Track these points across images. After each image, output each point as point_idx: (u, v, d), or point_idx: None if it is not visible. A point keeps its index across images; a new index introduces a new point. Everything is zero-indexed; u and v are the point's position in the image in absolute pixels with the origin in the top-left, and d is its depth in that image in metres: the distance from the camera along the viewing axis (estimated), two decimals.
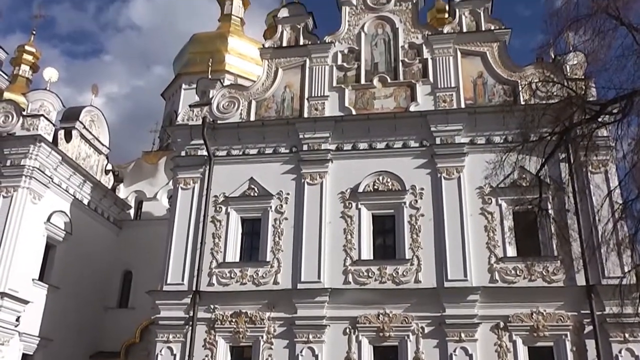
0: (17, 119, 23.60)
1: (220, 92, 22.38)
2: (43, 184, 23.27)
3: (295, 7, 23.60)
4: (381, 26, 22.41)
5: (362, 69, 21.72)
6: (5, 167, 22.56)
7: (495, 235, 18.35)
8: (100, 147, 28.39)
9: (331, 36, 22.47)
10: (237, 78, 33.64)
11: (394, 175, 19.70)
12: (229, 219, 20.29)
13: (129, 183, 30.87)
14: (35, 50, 35.00)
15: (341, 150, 20.55)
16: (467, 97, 20.44)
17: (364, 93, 21.32)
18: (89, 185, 26.52)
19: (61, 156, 24.29)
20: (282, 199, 20.19)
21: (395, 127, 20.23)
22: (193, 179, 21.03)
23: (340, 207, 19.72)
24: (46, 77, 25.56)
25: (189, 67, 36.53)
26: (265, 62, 22.89)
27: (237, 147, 21.25)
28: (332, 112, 21.10)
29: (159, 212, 29.19)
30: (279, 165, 20.77)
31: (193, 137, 21.40)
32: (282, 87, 22.14)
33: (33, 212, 22.76)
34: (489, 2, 21.72)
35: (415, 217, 19.07)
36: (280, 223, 19.90)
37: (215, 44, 37.03)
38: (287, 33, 23.13)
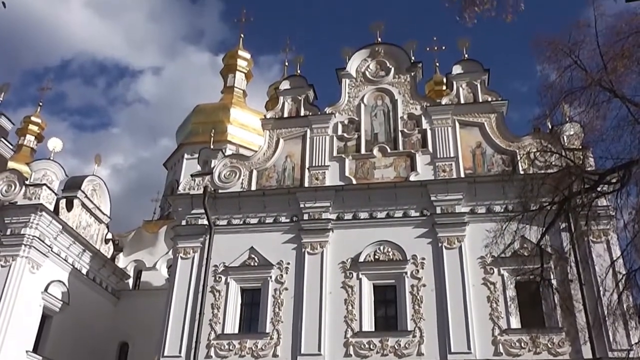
0: (20, 188, 23.76)
1: (222, 162, 22.61)
2: (42, 253, 23.15)
3: (297, 80, 24.20)
4: (380, 98, 22.92)
5: (362, 139, 22.04)
6: (5, 236, 22.52)
7: (498, 306, 18.05)
8: (101, 216, 28.42)
9: (332, 107, 22.94)
10: (239, 148, 34.11)
11: (395, 244, 19.61)
12: (229, 289, 20.04)
13: (128, 252, 30.69)
14: (41, 121, 35.67)
15: (342, 219, 20.54)
16: (467, 166, 20.64)
17: (364, 163, 21.53)
18: (89, 255, 26.37)
19: (62, 225, 24.28)
20: (282, 269, 20.01)
21: (396, 196, 20.31)
22: (193, 248, 20.93)
23: (341, 277, 19.51)
24: (50, 147, 25.93)
25: (191, 137, 37.06)
26: (266, 132, 23.26)
27: (237, 217, 21.26)
28: (332, 181, 21.24)
29: (158, 282, 28.85)
30: (280, 235, 20.71)
31: (194, 206, 21.45)
32: (283, 156, 22.39)
33: (31, 281, 22.54)
34: (485, 75, 22.28)
35: (417, 288, 18.82)
36: (280, 293, 19.64)
37: (218, 114, 37.74)
38: (288, 104, 23.62)
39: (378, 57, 23.55)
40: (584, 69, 11.39)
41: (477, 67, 22.50)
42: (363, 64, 23.63)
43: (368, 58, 23.68)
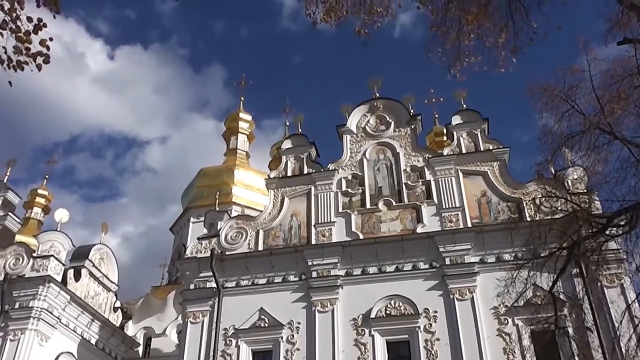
0: (28, 261, 23.75)
1: (228, 224, 22.64)
2: (51, 325, 22.93)
3: (298, 138, 24.49)
4: (382, 152, 23.11)
5: (367, 193, 22.09)
6: (13, 310, 22.37)
7: (515, 357, 17.59)
8: (109, 284, 28.27)
9: (334, 164, 23.12)
10: (244, 209, 34.16)
11: (405, 298, 19.35)
12: (240, 352, 19.71)
13: (137, 319, 30.35)
14: (48, 193, 35.83)
15: (351, 275, 20.37)
16: (473, 216, 20.58)
17: (370, 217, 21.52)
18: (97, 324, 26.09)
19: (70, 295, 24.13)
20: (293, 329, 19.72)
21: (404, 249, 20.19)
22: (202, 312, 20.70)
23: (352, 335, 19.19)
24: (57, 218, 26.08)
25: (196, 201, 37.24)
26: (271, 192, 23.37)
27: (246, 278, 21.12)
28: (339, 237, 21.18)
29: (168, 349, 28.40)
30: (289, 294, 20.51)
31: (202, 269, 21.36)
32: (289, 215, 22.42)
33: (40, 354, 22.26)
34: (484, 124, 22.50)
35: (431, 342, 18.45)
36: (292, 354, 19.29)
37: (222, 177, 38.04)
38: (291, 163, 23.82)
39: (377, 112, 23.88)
40: (581, 113, 11.54)
41: (476, 116, 22.76)
42: (363, 120, 23.95)
43: (367, 113, 24.01)
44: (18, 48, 6.17)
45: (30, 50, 6.20)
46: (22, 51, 6.17)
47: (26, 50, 6.18)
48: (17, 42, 6.15)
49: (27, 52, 6.20)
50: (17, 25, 6.11)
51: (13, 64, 6.18)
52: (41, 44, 6.27)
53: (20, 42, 6.15)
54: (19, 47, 6.16)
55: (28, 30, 6.17)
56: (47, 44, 6.32)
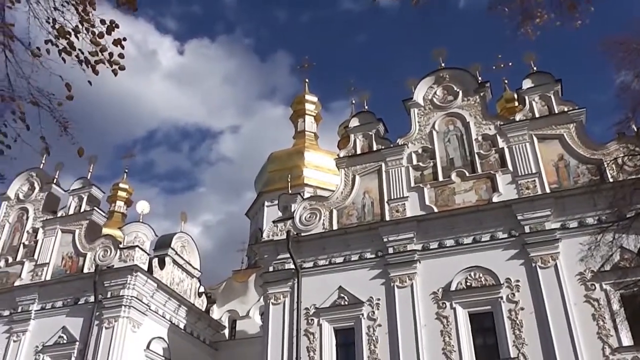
0: (115, 252, 24.93)
1: (302, 205, 22.92)
2: (141, 312, 24.05)
3: (365, 116, 24.38)
4: (452, 122, 22.66)
5: (439, 166, 21.77)
6: (106, 299, 23.60)
7: (605, 323, 17.01)
8: (192, 270, 29.28)
9: (403, 138, 22.89)
10: (316, 190, 34.47)
11: (486, 269, 19.04)
12: (322, 330, 20.03)
13: (221, 303, 31.35)
14: (128, 186, 37.65)
15: (427, 249, 20.22)
16: (551, 181, 19.91)
17: (444, 190, 21.22)
18: (184, 310, 27.15)
19: (156, 283, 25.20)
20: (373, 305, 19.83)
21: (480, 220, 19.84)
22: (283, 293, 21.15)
23: (434, 308, 19.10)
24: (139, 210, 27.21)
25: (269, 185, 37.86)
26: (342, 171, 23.44)
27: (322, 257, 21.38)
28: (413, 212, 21.03)
29: (252, 330, 29.24)
30: (367, 271, 20.62)
31: (279, 252, 21.77)
32: (361, 193, 22.44)
33: (133, 340, 23.39)
34: (557, 86, 21.63)
35: (515, 312, 18.10)
36: (374, 330, 19.43)
37: (293, 160, 38.45)
38: (360, 141, 23.77)
39: (444, 82, 23.41)
40: None
41: (548, 78, 21.90)
42: (430, 92, 23.54)
43: (434, 85, 23.57)
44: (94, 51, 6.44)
45: (105, 50, 6.47)
46: (97, 53, 6.45)
47: (101, 51, 6.45)
48: (92, 44, 6.43)
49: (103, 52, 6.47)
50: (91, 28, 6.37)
51: (91, 64, 6.47)
52: (115, 43, 6.53)
53: (95, 45, 6.43)
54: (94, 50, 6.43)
55: (102, 32, 6.43)
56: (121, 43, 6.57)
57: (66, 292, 24.69)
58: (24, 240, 27.44)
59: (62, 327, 23.85)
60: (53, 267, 25.82)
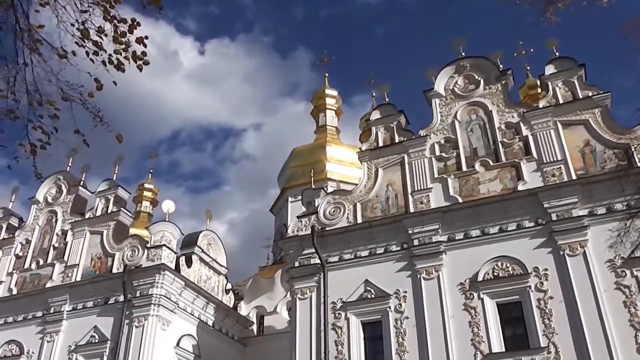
0: (143, 252, 25.24)
1: (325, 200, 22.93)
2: (170, 310, 24.33)
3: (386, 108, 24.27)
4: (474, 111, 22.46)
5: (462, 156, 21.61)
6: (135, 298, 23.91)
7: (637, 310, 16.71)
8: (219, 268, 29.51)
9: (425, 129, 22.74)
10: (339, 184, 34.45)
11: (513, 259, 18.86)
12: (349, 324, 20.06)
13: (249, 300, 31.56)
14: (153, 186, 38.07)
15: (453, 240, 20.10)
16: (577, 167, 19.63)
17: (468, 180, 21.06)
18: (212, 307, 27.39)
19: (184, 281, 25.45)
20: (400, 298, 19.80)
21: (506, 209, 19.65)
22: (309, 288, 21.22)
23: (461, 299, 18.99)
24: (164, 209, 27.47)
25: (292, 181, 37.97)
26: (364, 164, 23.40)
27: (348, 251, 21.38)
28: (437, 203, 20.91)
29: (280, 325, 29.39)
30: (392, 264, 20.58)
31: (304, 247, 21.84)
32: (385, 186, 22.39)
33: (163, 338, 23.68)
34: (581, 70, 21.29)
35: (544, 301, 17.91)
36: (401, 323, 19.39)
37: (315, 154, 38.49)
38: (381, 133, 23.69)
39: (465, 71, 23.19)
40: None
41: (571, 63, 21.55)
42: (450, 81, 23.34)
43: (455, 74, 23.37)
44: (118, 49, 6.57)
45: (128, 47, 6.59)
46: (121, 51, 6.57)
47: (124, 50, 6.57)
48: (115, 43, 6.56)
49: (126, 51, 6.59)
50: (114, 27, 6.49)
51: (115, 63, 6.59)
52: (137, 42, 6.65)
53: (118, 43, 6.55)
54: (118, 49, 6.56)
55: (124, 31, 6.55)
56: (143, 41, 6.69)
57: (96, 292, 25.09)
58: (53, 242, 27.93)
59: (93, 327, 24.25)
60: (83, 268, 26.25)
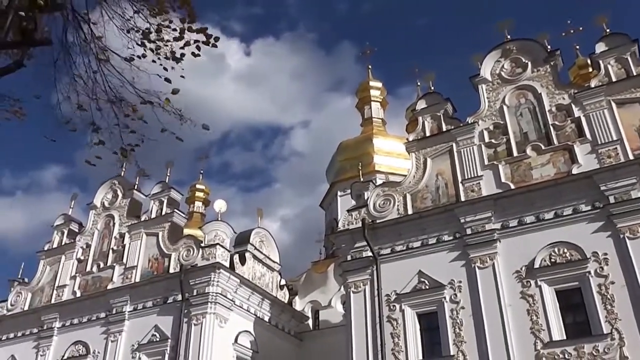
0: (197, 251, 25.76)
1: (375, 192, 22.87)
2: (227, 308, 24.77)
3: (432, 97, 23.98)
4: (522, 95, 21.95)
5: (512, 141, 21.16)
6: (192, 297, 24.44)
7: None
8: (272, 264, 29.84)
9: (473, 116, 22.37)
10: (388, 176, 34.29)
11: (570, 244, 18.37)
12: (405, 316, 19.98)
13: (303, 295, 31.81)
14: (205, 187, 38.81)
15: (507, 227, 19.73)
16: (634, 147, 18.92)
17: (519, 165, 20.62)
18: (267, 303, 27.75)
19: (239, 279, 25.86)
20: (455, 288, 19.58)
21: (561, 193, 19.15)
22: (363, 281, 21.23)
23: (518, 287, 18.64)
24: (216, 209, 27.94)
25: (340, 175, 37.99)
26: (412, 155, 23.20)
27: (400, 243, 21.28)
28: (489, 190, 20.56)
29: (335, 319, 29.52)
30: (446, 254, 20.37)
31: (355, 240, 21.84)
32: (434, 175, 22.15)
33: (221, 335, 24.14)
34: (634, 46, 20.52)
35: (604, 287, 17.38)
36: (457, 313, 19.19)
37: (362, 147, 38.39)
38: (428, 123, 23.43)
39: (511, 55, 22.66)
40: None
41: (623, 39, 20.78)
42: (497, 66, 22.86)
43: (501, 58, 22.87)
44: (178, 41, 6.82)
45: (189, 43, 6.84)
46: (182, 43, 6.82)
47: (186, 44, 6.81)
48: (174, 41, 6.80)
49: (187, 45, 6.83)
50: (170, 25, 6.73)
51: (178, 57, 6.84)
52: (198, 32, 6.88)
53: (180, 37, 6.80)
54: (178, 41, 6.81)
55: (182, 28, 6.79)
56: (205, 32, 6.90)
57: (155, 292, 25.77)
58: (112, 245, 28.81)
59: (154, 326, 24.93)
60: (141, 269, 26.99)
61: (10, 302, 30.28)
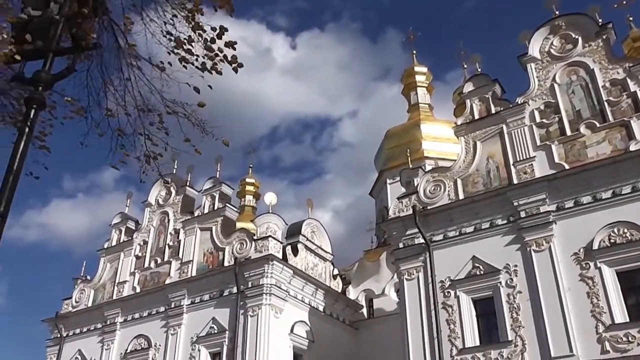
0: (250, 244, 26.14)
1: (424, 179, 22.66)
2: (281, 298, 25.08)
3: (479, 78, 23.51)
4: (574, 72, 21.27)
5: (565, 120, 20.56)
6: (247, 289, 24.84)
7: None
8: (324, 254, 30.00)
9: (523, 96, 21.83)
10: (437, 161, 33.87)
11: (631, 224, 17.75)
12: (460, 302, 19.78)
13: (356, 284, 31.87)
14: (255, 180, 39.29)
15: (563, 209, 19.23)
16: None
17: (573, 144, 20.04)
18: (321, 292, 27.93)
19: (292, 270, 26.11)
20: (510, 273, 19.25)
21: (618, 171, 18.51)
22: (416, 268, 21.11)
23: (577, 270, 18.17)
24: (267, 202, 28.27)
25: (389, 163, 37.77)
26: (461, 139, 22.85)
27: (452, 229, 21.04)
28: (542, 172, 20.06)
29: (390, 307, 29.46)
30: (500, 238, 20.02)
31: (407, 227, 21.72)
32: (484, 159, 21.77)
33: (277, 325, 24.47)
34: None
35: None
36: (514, 298, 18.87)
37: (410, 134, 38.04)
38: (476, 105, 23.01)
39: (560, 31, 21.97)
40: None
41: None
42: (546, 43, 22.20)
43: (550, 35, 22.21)
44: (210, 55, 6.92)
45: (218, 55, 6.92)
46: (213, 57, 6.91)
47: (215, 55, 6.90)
48: (205, 50, 6.90)
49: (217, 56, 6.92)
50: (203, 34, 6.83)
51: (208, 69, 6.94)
52: (227, 46, 6.95)
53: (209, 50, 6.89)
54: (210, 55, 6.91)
55: (213, 38, 6.88)
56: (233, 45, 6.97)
57: (211, 286, 26.31)
58: (168, 241, 29.53)
59: (211, 318, 25.48)
60: (197, 264, 27.59)
61: (74, 299, 31.50)
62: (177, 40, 6.85)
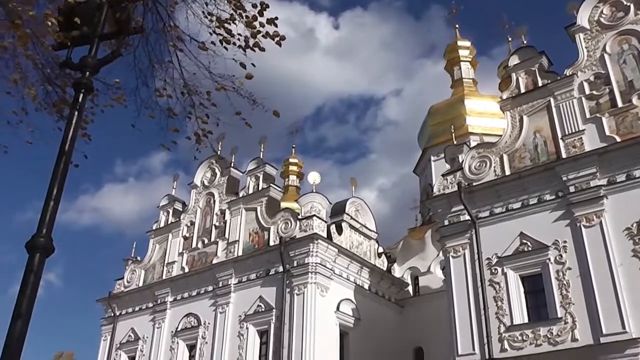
0: (295, 223, 26.35)
1: (469, 155, 22.32)
2: (327, 277, 25.25)
3: (525, 51, 22.90)
4: (625, 41, 20.47)
5: (616, 91, 19.87)
6: (293, 268, 25.11)
7: None
8: (369, 233, 29.99)
9: (571, 68, 21.17)
10: (482, 137, 33.21)
11: None
12: (507, 279, 19.53)
13: (401, 262, 31.80)
14: (298, 160, 39.45)
15: (614, 183, 18.68)
16: None
17: (625, 116, 19.37)
18: (366, 271, 27.99)
19: (337, 249, 26.23)
20: (559, 249, 18.87)
21: None
22: (462, 245, 20.91)
23: (629, 245, 17.67)
24: (310, 181, 28.46)
25: (433, 140, 37.34)
26: (507, 113, 22.38)
27: (498, 205, 20.71)
28: (592, 145, 19.49)
29: (436, 285, 29.35)
30: (548, 214, 19.62)
31: (452, 204, 21.49)
32: (531, 133, 21.28)
33: (323, 304, 24.69)
34: None
35: None
36: (564, 275, 18.51)
37: (454, 110, 37.44)
38: (522, 79, 22.44)
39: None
40: None
41: None
42: (595, 12, 21.41)
43: (599, 3, 21.38)
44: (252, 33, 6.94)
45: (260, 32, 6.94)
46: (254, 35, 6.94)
47: (257, 32, 6.93)
48: (246, 27, 6.93)
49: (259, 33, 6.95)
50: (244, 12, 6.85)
51: (250, 46, 6.97)
52: (268, 22, 6.96)
53: (251, 27, 6.91)
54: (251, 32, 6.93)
55: (255, 15, 6.89)
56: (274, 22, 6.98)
57: (257, 265, 26.68)
58: (214, 222, 30.03)
59: (259, 297, 25.89)
60: (243, 243, 28.00)
61: (126, 280, 32.46)
62: (218, 20, 6.88)
